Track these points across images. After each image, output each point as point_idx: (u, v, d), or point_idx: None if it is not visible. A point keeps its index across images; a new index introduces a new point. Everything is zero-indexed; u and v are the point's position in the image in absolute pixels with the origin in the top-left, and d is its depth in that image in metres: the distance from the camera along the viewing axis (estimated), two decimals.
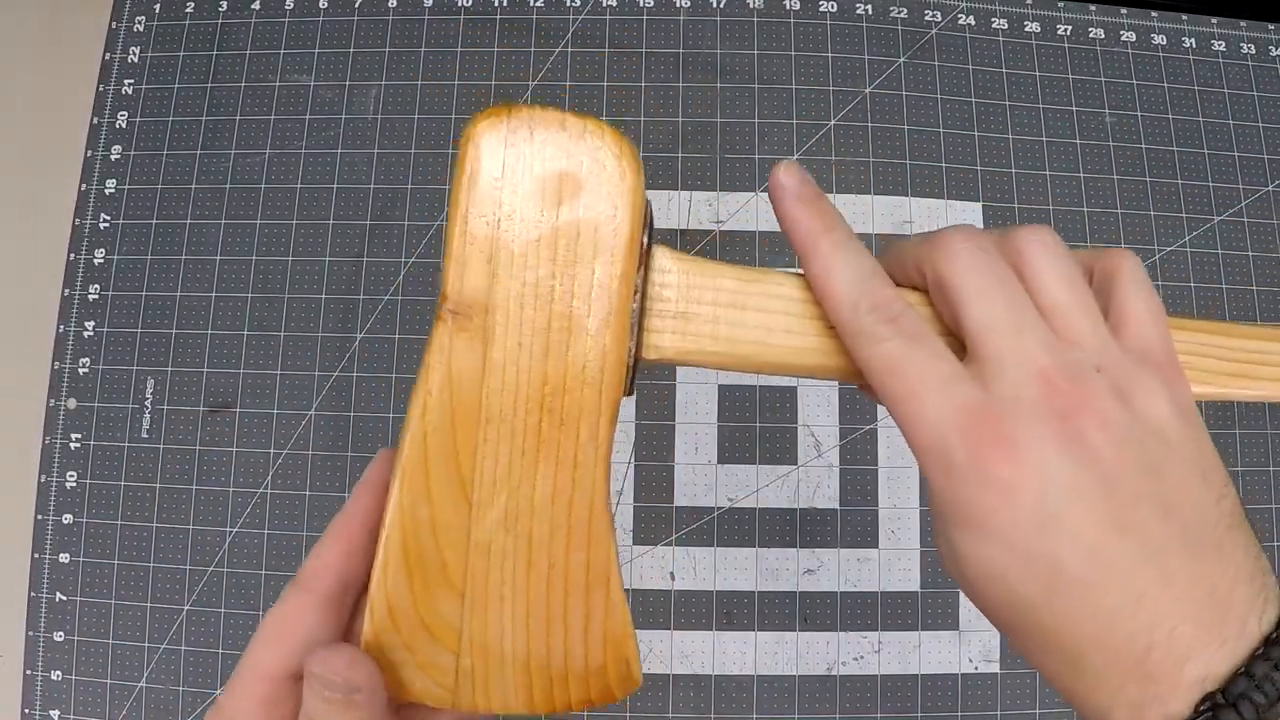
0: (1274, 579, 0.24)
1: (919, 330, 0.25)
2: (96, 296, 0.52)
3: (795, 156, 0.53)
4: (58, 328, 0.51)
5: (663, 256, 0.25)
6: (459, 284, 0.22)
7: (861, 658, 0.48)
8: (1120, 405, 0.24)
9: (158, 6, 0.55)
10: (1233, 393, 0.27)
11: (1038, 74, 0.55)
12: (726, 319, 0.25)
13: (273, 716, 0.24)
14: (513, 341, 0.22)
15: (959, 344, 0.26)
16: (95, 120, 0.54)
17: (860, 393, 0.30)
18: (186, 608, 0.48)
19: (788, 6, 0.55)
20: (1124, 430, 0.23)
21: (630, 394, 0.25)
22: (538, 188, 0.22)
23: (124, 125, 0.54)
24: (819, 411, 0.50)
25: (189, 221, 0.52)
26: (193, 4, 0.55)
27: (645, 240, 0.24)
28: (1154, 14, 0.56)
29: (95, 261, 0.52)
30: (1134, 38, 0.55)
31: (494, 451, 0.22)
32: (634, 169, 0.23)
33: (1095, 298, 0.26)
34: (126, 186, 0.53)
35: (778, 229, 0.52)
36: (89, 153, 0.53)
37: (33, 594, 0.49)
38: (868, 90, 0.54)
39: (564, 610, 0.23)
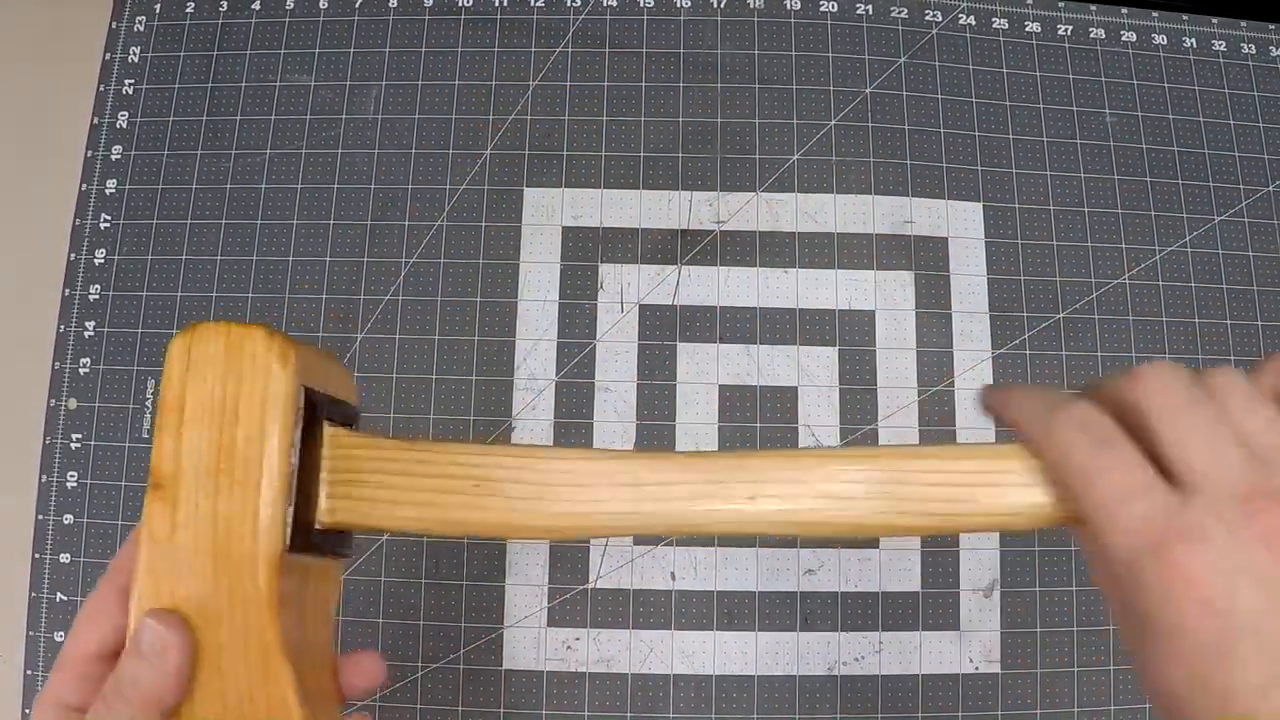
0: None
1: (1114, 436, 0.25)
2: (97, 296, 0.52)
3: (796, 156, 0.53)
4: (58, 328, 0.51)
5: (335, 434, 0.30)
6: (156, 457, 0.28)
7: (862, 658, 0.48)
8: None
9: (158, 6, 0.55)
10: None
11: (1038, 74, 0.55)
12: (402, 487, 0.29)
13: (87, 690, 0.27)
14: (190, 505, 0.27)
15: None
16: (95, 120, 0.54)
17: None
18: None
19: (788, 6, 0.55)
20: None
21: (342, 556, 0.30)
22: (212, 384, 0.29)
23: (124, 125, 0.54)
24: (819, 411, 0.50)
25: (189, 221, 0.52)
26: (193, 4, 0.55)
27: (316, 419, 0.29)
28: (1155, 14, 0.56)
29: (95, 261, 0.52)
30: (1134, 38, 0.55)
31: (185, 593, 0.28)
32: (283, 365, 0.28)
33: None
34: (127, 186, 0.53)
35: (777, 229, 0.52)
36: (89, 153, 0.53)
37: (33, 594, 0.49)
38: (868, 90, 0.54)
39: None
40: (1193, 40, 0.56)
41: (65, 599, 0.48)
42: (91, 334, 0.51)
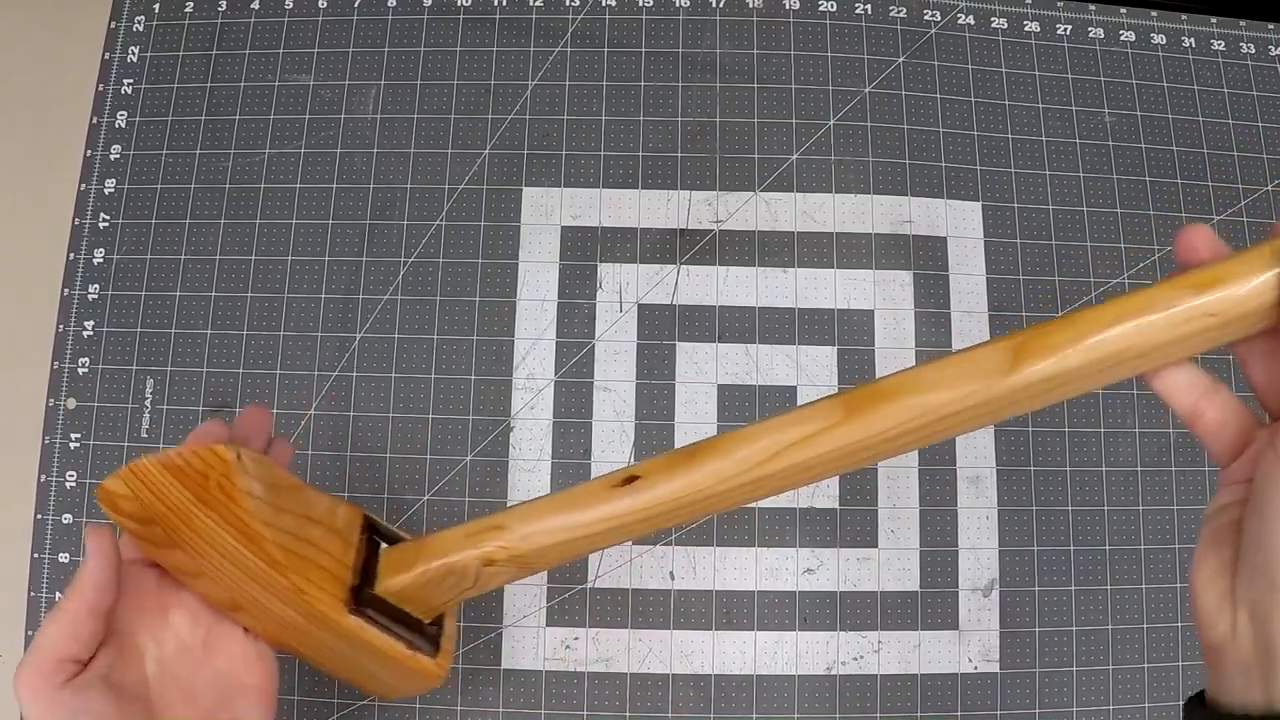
0: None
1: None
2: (96, 296, 0.52)
3: (795, 156, 0.53)
4: (58, 327, 0.51)
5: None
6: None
7: (861, 657, 0.48)
8: None
9: (157, 6, 0.55)
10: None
11: (1037, 74, 0.55)
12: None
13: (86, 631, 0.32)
14: None
15: None
16: (95, 120, 0.54)
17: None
18: None
19: (787, 6, 0.55)
20: None
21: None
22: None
23: (124, 125, 0.54)
24: None
25: (189, 221, 0.52)
26: (192, 4, 0.55)
27: None
28: (1154, 14, 0.56)
29: (95, 261, 0.52)
30: (1133, 37, 0.55)
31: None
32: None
33: None
34: (126, 186, 0.53)
35: (776, 228, 0.52)
36: (89, 152, 0.53)
37: (33, 594, 0.49)
38: (867, 90, 0.54)
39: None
40: (1191, 40, 0.56)
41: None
42: (90, 333, 0.51)
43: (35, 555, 0.49)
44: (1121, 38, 0.55)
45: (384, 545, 0.38)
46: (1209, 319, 0.27)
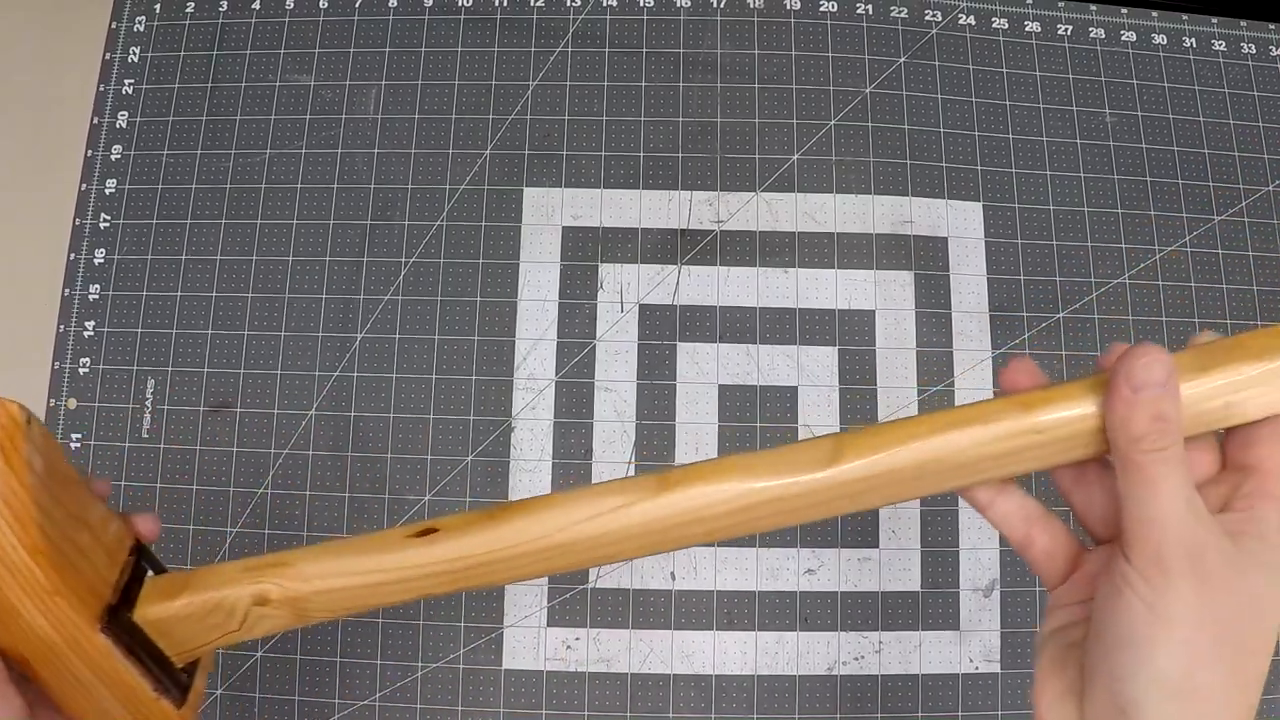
0: None
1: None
2: (96, 296, 0.52)
3: (796, 156, 0.53)
4: (58, 328, 0.51)
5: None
6: None
7: (862, 658, 0.48)
8: None
9: (158, 6, 0.55)
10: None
11: (1038, 74, 0.55)
12: None
13: None
14: None
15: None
16: (95, 120, 0.54)
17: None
18: None
19: (788, 6, 0.55)
20: None
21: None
22: None
23: (124, 125, 0.54)
24: (819, 411, 0.50)
25: (189, 221, 0.52)
26: (193, 4, 0.55)
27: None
28: (1154, 14, 0.56)
29: (95, 261, 0.52)
30: (1134, 38, 0.55)
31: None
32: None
33: None
34: (126, 186, 0.53)
35: (777, 229, 0.52)
36: (89, 153, 0.53)
37: None
38: (868, 90, 0.54)
39: None
40: (1192, 40, 0.56)
41: None
42: (91, 334, 0.51)
43: None
44: (1122, 38, 0.55)
45: (151, 574, 0.34)
46: (1035, 436, 0.28)
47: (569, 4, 0.55)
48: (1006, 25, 0.55)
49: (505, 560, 0.30)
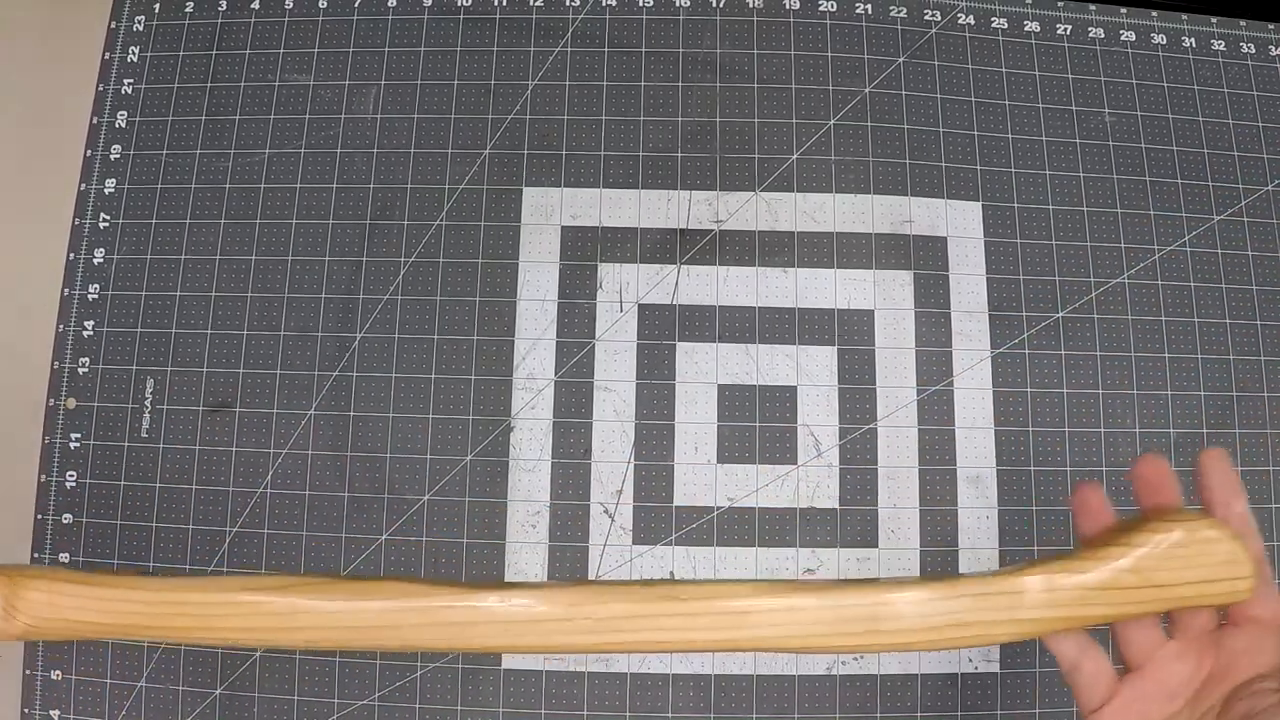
0: None
1: None
2: (96, 296, 0.52)
3: (795, 156, 0.53)
4: (58, 327, 0.51)
5: None
6: None
7: (862, 657, 0.48)
8: None
9: (157, 6, 0.55)
10: None
11: (1038, 74, 0.55)
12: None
13: None
14: None
15: None
16: (95, 120, 0.54)
17: None
18: None
19: (787, 6, 0.55)
20: None
21: None
22: None
23: (124, 125, 0.54)
24: (819, 411, 0.50)
25: (189, 221, 0.52)
26: (192, 4, 0.55)
27: None
28: (1154, 14, 0.56)
29: (95, 261, 0.52)
30: (1134, 37, 0.55)
31: None
32: None
33: None
34: (126, 186, 0.53)
35: (776, 228, 0.52)
36: (89, 152, 0.53)
37: None
38: (867, 90, 0.54)
39: None
40: (1192, 40, 0.56)
41: None
42: (91, 333, 0.51)
43: (35, 555, 0.49)
44: (1122, 37, 0.55)
45: None
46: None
47: (568, 4, 0.55)
48: (1006, 25, 0.55)
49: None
